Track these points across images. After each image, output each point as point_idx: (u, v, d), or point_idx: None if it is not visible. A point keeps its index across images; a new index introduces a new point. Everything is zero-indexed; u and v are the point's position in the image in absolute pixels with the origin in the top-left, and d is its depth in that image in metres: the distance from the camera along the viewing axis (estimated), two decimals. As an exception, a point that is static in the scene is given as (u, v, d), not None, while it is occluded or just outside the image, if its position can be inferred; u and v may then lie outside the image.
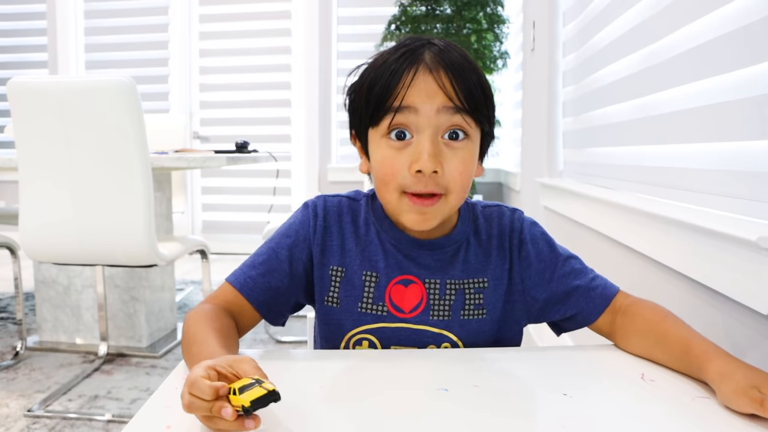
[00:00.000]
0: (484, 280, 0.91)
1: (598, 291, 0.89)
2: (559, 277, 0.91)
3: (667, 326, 0.80)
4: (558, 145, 2.54)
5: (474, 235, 0.94)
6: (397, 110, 0.81)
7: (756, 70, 0.97)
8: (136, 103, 1.88)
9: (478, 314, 0.90)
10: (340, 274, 0.91)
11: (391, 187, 0.84)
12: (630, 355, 0.82)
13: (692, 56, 1.21)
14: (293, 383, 0.70)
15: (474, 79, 0.83)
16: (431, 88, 0.81)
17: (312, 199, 0.96)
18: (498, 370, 0.76)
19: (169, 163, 2.18)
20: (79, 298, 2.67)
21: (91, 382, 2.29)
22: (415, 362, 0.79)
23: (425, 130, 0.81)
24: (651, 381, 0.71)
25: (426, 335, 0.89)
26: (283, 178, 4.71)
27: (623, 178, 1.65)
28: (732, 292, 0.91)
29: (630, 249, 1.41)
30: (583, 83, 2.13)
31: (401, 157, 0.82)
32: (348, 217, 0.94)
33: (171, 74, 4.94)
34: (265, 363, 0.75)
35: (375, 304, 0.89)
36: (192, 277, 4.09)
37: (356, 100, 0.88)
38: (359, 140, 0.91)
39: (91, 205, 1.98)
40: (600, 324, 0.89)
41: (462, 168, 0.83)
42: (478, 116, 0.83)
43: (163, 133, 3.39)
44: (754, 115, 0.98)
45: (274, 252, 0.90)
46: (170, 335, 2.83)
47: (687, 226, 1.07)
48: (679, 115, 1.28)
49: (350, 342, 0.90)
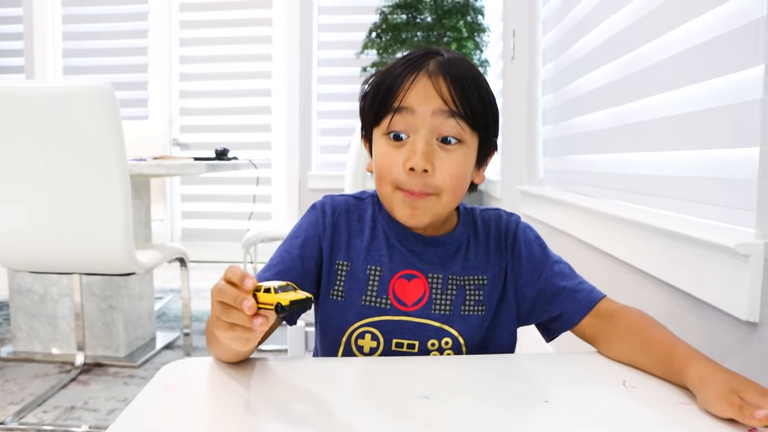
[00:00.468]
0: (483, 277, 0.94)
1: (583, 294, 0.91)
2: (547, 277, 0.94)
3: (651, 331, 0.80)
4: (538, 153, 2.56)
5: (474, 237, 0.97)
6: (396, 110, 0.86)
7: (733, 79, 0.98)
8: (114, 109, 1.86)
9: (478, 310, 0.92)
10: (346, 269, 0.93)
11: (386, 182, 0.88)
12: (612, 361, 0.82)
13: (670, 65, 1.23)
14: (271, 395, 0.69)
15: (473, 88, 0.86)
16: (429, 92, 0.85)
17: (319, 200, 0.99)
18: (479, 378, 0.76)
19: (148, 170, 2.16)
20: (55, 307, 2.63)
21: (68, 393, 2.25)
22: (396, 368, 0.79)
23: (420, 131, 0.85)
24: (632, 387, 0.71)
25: (427, 329, 0.90)
26: (263, 185, 4.68)
27: (603, 185, 1.66)
28: (711, 299, 0.92)
29: (610, 256, 1.41)
30: (562, 91, 2.15)
31: (397, 154, 0.86)
32: (354, 215, 0.97)
33: (150, 81, 4.91)
34: (259, 371, 0.75)
35: (379, 297, 0.91)
36: (171, 285, 4.05)
37: (365, 103, 0.93)
38: (367, 140, 0.96)
39: (68, 212, 1.95)
40: (583, 327, 0.90)
41: (454, 170, 0.86)
42: (474, 123, 0.86)
43: (142, 140, 3.36)
44: (731, 122, 0.99)
45: (287, 252, 0.93)
46: (149, 344, 2.79)
47: (666, 233, 1.08)
48: (657, 123, 1.29)
49: (353, 335, 0.91)
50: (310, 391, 0.70)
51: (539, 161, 2.55)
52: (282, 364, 0.79)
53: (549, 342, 0.98)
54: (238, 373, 0.75)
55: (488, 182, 3.59)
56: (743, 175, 0.94)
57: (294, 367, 0.80)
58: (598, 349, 0.87)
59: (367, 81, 0.94)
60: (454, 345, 0.90)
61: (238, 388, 0.70)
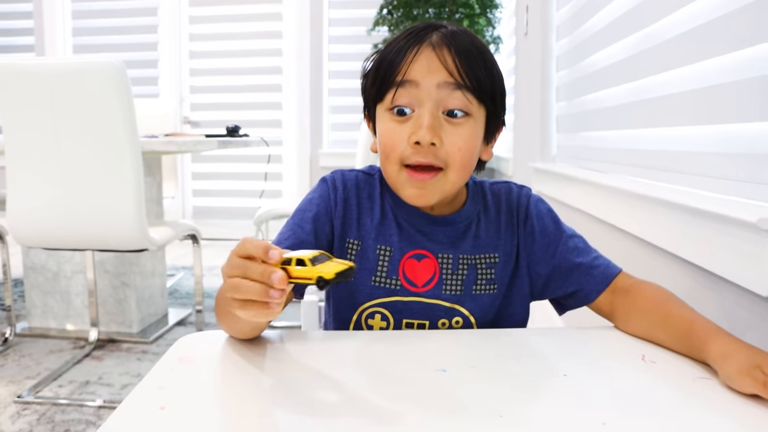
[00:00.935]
0: (495, 255, 0.92)
1: (600, 269, 0.89)
2: (561, 253, 0.91)
3: (669, 306, 0.79)
4: (551, 130, 2.53)
5: (484, 212, 0.95)
6: (399, 84, 0.83)
7: (753, 52, 0.96)
8: (125, 86, 1.85)
9: (490, 289, 0.91)
10: (356, 248, 0.91)
11: (391, 160, 0.85)
12: (629, 336, 0.81)
13: (688, 39, 1.20)
14: (296, 365, 0.69)
15: (478, 59, 0.83)
16: (433, 64, 0.82)
17: (329, 174, 0.97)
18: (496, 351, 0.75)
19: (160, 146, 2.15)
20: (68, 284, 2.65)
21: (82, 368, 2.28)
22: (413, 342, 0.78)
23: (425, 104, 0.82)
24: (651, 362, 0.70)
25: (438, 309, 0.89)
26: (274, 163, 4.68)
27: (618, 161, 1.64)
28: (730, 275, 0.91)
29: (625, 232, 1.40)
30: (576, 67, 2.12)
31: (402, 129, 0.84)
32: (365, 192, 0.95)
33: (161, 59, 4.89)
34: (279, 345, 0.75)
35: (388, 277, 0.89)
36: (183, 262, 4.07)
37: (367, 80, 0.91)
38: (370, 119, 0.93)
39: (80, 188, 1.95)
40: (600, 303, 0.89)
41: (461, 144, 0.83)
42: (481, 95, 0.83)
43: (153, 118, 3.35)
44: (752, 96, 0.97)
45: (299, 227, 0.90)
46: (161, 321, 2.81)
47: (685, 208, 1.07)
48: (675, 97, 1.27)
49: (363, 315, 0.90)
50: (325, 364, 0.69)
51: (552, 138, 2.53)
52: (296, 339, 0.78)
53: (561, 315, 0.97)
54: (253, 346, 0.74)
55: (500, 160, 3.57)
56: (764, 149, 0.92)
57: (309, 341, 0.79)
58: (615, 324, 0.86)
59: (369, 59, 0.91)
60: (465, 324, 0.89)
61: (253, 361, 0.70)
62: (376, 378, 0.65)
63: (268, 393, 0.61)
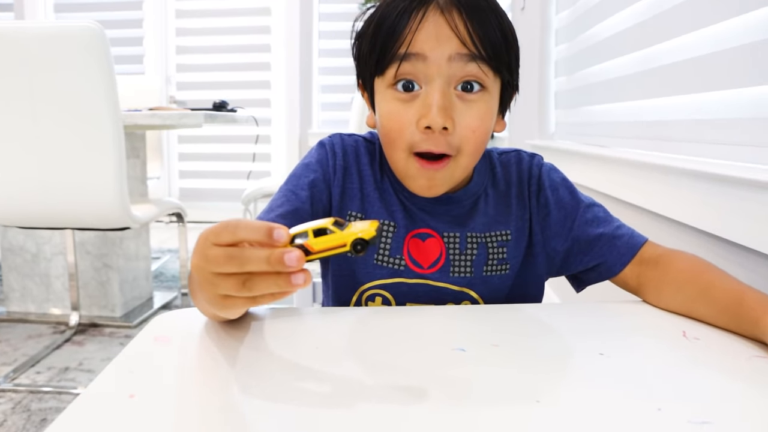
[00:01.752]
0: (507, 232, 0.83)
1: (624, 240, 0.80)
2: (580, 225, 0.82)
3: (710, 277, 0.70)
4: (550, 106, 2.46)
5: (492, 186, 0.85)
6: (403, 58, 0.71)
7: (757, 15, 0.90)
8: (105, 53, 1.73)
9: (502, 269, 0.82)
10: (359, 221, 0.81)
11: (398, 147, 0.75)
12: (663, 311, 0.72)
13: (693, 4, 1.13)
14: (296, 342, 0.60)
15: (493, 21, 0.72)
16: (443, 32, 0.70)
17: (327, 138, 0.86)
18: (519, 328, 0.66)
19: (143, 120, 2.04)
20: (48, 266, 2.54)
21: (62, 354, 2.18)
22: (425, 319, 0.69)
23: (435, 80, 0.71)
24: (695, 339, 0.62)
25: (446, 293, 0.80)
26: (262, 144, 4.57)
27: (623, 135, 1.57)
28: (752, 242, 0.84)
29: (634, 206, 1.32)
30: (578, 40, 2.04)
31: (408, 110, 0.73)
32: (366, 158, 0.85)
33: (146, 36, 4.75)
34: (269, 321, 0.66)
35: (392, 256, 0.80)
36: (169, 245, 3.97)
37: (362, 46, 0.79)
38: (366, 90, 0.82)
39: (58, 162, 1.84)
40: (626, 276, 0.79)
41: (476, 124, 0.73)
42: (498, 65, 0.73)
43: (137, 94, 3.24)
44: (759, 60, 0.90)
45: (293, 193, 0.80)
46: (146, 304, 2.71)
47: (698, 175, 1.00)
48: (681, 65, 1.20)
49: (362, 297, 0.81)
50: (323, 344, 0.60)
51: (551, 114, 2.45)
52: (289, 316, 0.69)
53: (579, 292, 0.88)
54: (239, 324, 0.65)
55: (495, 138, 3.48)
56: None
57: (303, 317, 0.69)
58: (645, 298, 0.77)
59: (362, 17, 0.79)
60: None
61: (240, 341, 0.60)
62: (384, 360, 0.56)
63: (256, 378, 0.52)
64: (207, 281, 0.51)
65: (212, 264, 0.49)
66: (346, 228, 0.50)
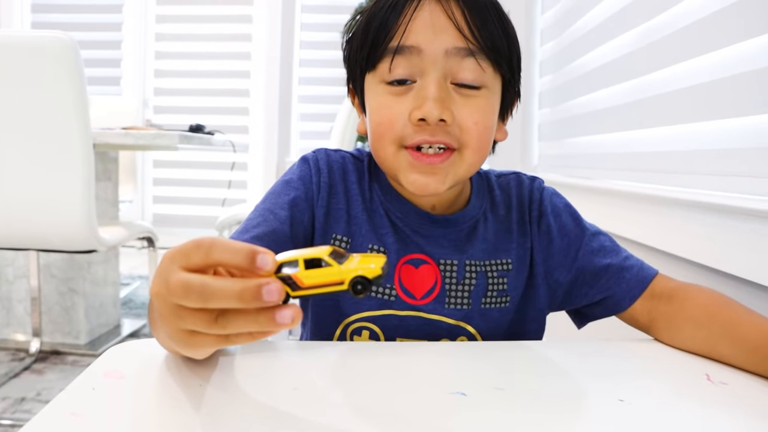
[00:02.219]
0: (508, 261, 0.76)
1: (633, 272, 0.74)
2: (585, 255, 0.76)
3: (733, 314, 0.64)
4: (533, 138, 2.43)
5: (491, 210, 0.79)
6: (396, 51, 0.66)
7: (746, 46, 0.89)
8: (77, 66, 1.66)
9: (502, 302, 0.75)
10: (345, 246, 0.74)
11: (386, 140, 0.68)
12: (678, 350, 0.66)
13: (681, 36, 1.11)
14: (270, 382, 0.52)
15: (493, 14, 0.67)
16: (439, 23, 0.65)
17: (311, 153, 0.79)
18: (526, 369, 0.59)
19: (115, 139, 1.96)
20: (10, 289, 2.43)
21: (19, 383, 2.06)
22: (419, 358, 0.61)
23: (431, 72, 0.66)
24: (722, 384, 0.55)
25: (440, 327, 0.73)
26: (239, 170, 4.49)
27: (609, 166, 1.53)
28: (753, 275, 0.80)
29: (627, 240, 1.27)
30: (563, 71, 2.01)
31: (401, 103, 0.67)
32: (353, 176, 0.78)
33: (124, 58, 4.68)
34: (240, 357, 0.59)
35: (382, 285, 0.73)
36: (140, 271, 3.85)
37: (353, 44, 0.73)
38: (356, 94, 0.76)
39: (22, 179, 1.74)
40: (635, 312, 0.73)
41: (478, 116, 0.67)
42: (498, 58, 0.67)
43: (112, 115, 3.15)
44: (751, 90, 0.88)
45: (271, 213, 0.72)
46: (112, 332, 2.60)
47: (694, 205, 0.96)
48: (669, 96, 1.17)
49: (347, 331, 0.74)
50: (302, 385, 0.52)
51: (534, 147, 2.42)
52: (263, 351, 0.61)
53: (580, 328, 0.81)
54: (206, 359, 0.57)
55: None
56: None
57: (279, 353, 0.61)
58: (656, 336, 0.71)
59: (353, 17, 0.74)
60: None
61: (204, 378, 0.53)
62: (374, 405, 0.49)
63: (223, 425, 0.45)
64: (170, 312, 0.42)
65: (173, 295, 0.41)
66: (345, 261, 0.42)
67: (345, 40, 0.75)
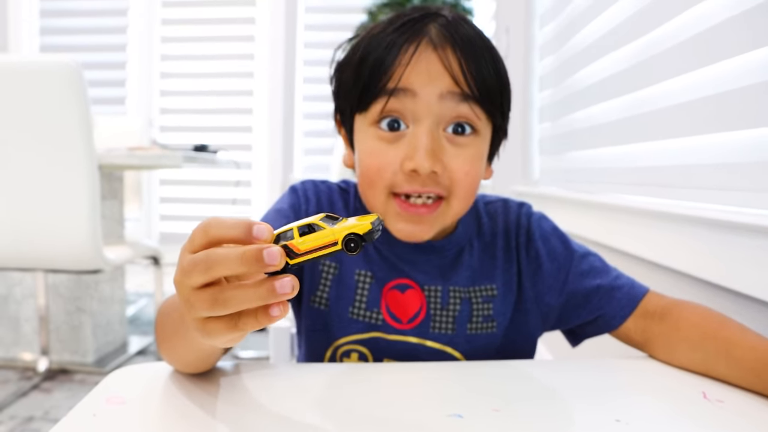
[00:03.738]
0: (492, 287, 0.77)
1: (623, 291, 0.75)
2: (575, 277, 0.77)
3: (729, 332, 0.64)
4: (534, 152, 2.45)
5: (477, 236, 0.80)
6: (391, 93, 0.67)
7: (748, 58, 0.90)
8: (82, 90, 1.69)
9: (488, 328, 0.76)
10: (333, 271, 0.76)
11: (377, 187, 0.69)
12: (676, 368, 0.67)
13: (682, 48, 1.13)
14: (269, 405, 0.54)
15: (488, 60, 0.68)
16: (435, 69, 0.66)
17: (299, 184, 0.81)
18: (522, 389, 0.59)
19: (120, 160, 2.00)
20: (18, 309, 2.45)
21: (27, 402, 2.08)
22: (413, 377, 0.62)
23: (424, 120, 0.67)
24: (718, 402, 0.56)
25: (426, 351, 0.74)
26: (243, 188, 4.53)
27: (610, 180, 1.54)
28: (757, 291, 0.80)
29: (628, 254, 1.28)
30: (562, 86, 2.03)
31: (392, 151, 0.68)
32: (340, 205, 0.80)
33: (129, 78, 4.73)
34: (238, 379, 0.60)
35: (369, 310, 0.74)
36: (146, 289, 3.87)
37: (343, 78, 0.73)
38: (344, 127, 0.77)
39: (29, 201, 1.78)
40: (629, 331, 0.74)
41: (468, 167, 0.68)
42: (490, 107, 0.69)
43: (117, 135, 3.19)
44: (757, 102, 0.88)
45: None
46: (119, 350, 2.62)
47: (698, 221, 0.96)
48: (671, 109, 1.18)
49: (337, 353, 0.75)
50: (302, 407, 0.53)
51: (535, 161, 2.44)
52: (264, 372, 0.63)
53: (575, 347, 0.82)
54: (206, 382, 0.59)
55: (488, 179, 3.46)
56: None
57: (280, 375, 0.62)
58: (653, 354, 0.71)
59: (343, 47, 0.74)
60: None
61: (206, 402, 0.54)
62: (372, 427, 0.50)
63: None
64: (185, 301, 0.43)
65: (184, 275, 0.42)
66: (338, 224, 0.43)
67: (335, 74, 0.76)
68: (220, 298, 0.41)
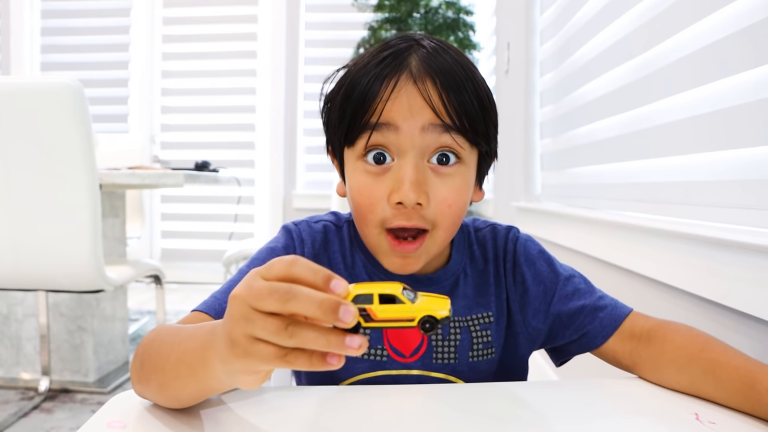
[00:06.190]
0: (489, 314, 0.78)
1: (606, 311, 0.76)
2: (560, 300, 0.78)
3: (714, 354, 0.64)
4: (535, 168, 2.44)
5: (470, 264, 0.81)
6: (374, 127, 0.67)
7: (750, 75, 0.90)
8: (83, 110, 1.70)
9: (488, 354, 0.77)
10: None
11: (370, 223, 0.70)
12: (666, 389, 0.67)
13: (683, 65, 1.13)
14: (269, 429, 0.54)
15: (470, 90, 0.68)
16: (416, 103, 0.66)
17: (292, 225, 0.81)
18: (515, 412, 0.59)
19: (121, 179, 2.00)
20: (19, 328, 2.45)
21: (28, 422, 2.07)
22: (420, 398, 0.63)
23: (408, 153, 0.67)
24: (710, 423, 0.56)
25: (429, 382, 0.74)
26: (245, 204, 4.53)
27: (613, 197, 1.54)
28: (756, 310, 0.80)
29: (627, 270, 1.28)
30: (563, 102, 2.04)
31: (380, 185, 0.69)
32: (335, 245, 0.80)
33: (131, 95, 4.75)
34: (233, 403, 0.60)
35: (373, 347, 0.74)
36: (148, 307, 3.86)
37: (331, 112, 0.74)
38: (336, 157, 0.77)
39: (30, 222, 1.78)
40: (616, 353, 0.74)
41: (452, 199, 0.69)
42: (474, 135, 0.69)
43: (119, 153, 3.20)
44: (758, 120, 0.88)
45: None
46: (121, 369, 2.61)
47: (697, 239, 0.96)
48: (672, 126, 1.18)
49: None
50: (306, 430, 0.53)
51: (536, 177, 2.44)
52: (266, 396, 0.63)
53: (558, 366, 0.82)
54: (209, 406, 0.59)
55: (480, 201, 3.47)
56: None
57: (282, 398, 0.62)
58: (642, 376, 0.72)
59: (331, 78, 0.74)
60: None
61: (209, 427, 0.54)
62: None
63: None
64: (242, 316, 0.44)
65: (253, 296, 0.43)
66: (417, 300, 0.45)
67: (323, 107, 0.76)
68: (290, 330, 0.42)
